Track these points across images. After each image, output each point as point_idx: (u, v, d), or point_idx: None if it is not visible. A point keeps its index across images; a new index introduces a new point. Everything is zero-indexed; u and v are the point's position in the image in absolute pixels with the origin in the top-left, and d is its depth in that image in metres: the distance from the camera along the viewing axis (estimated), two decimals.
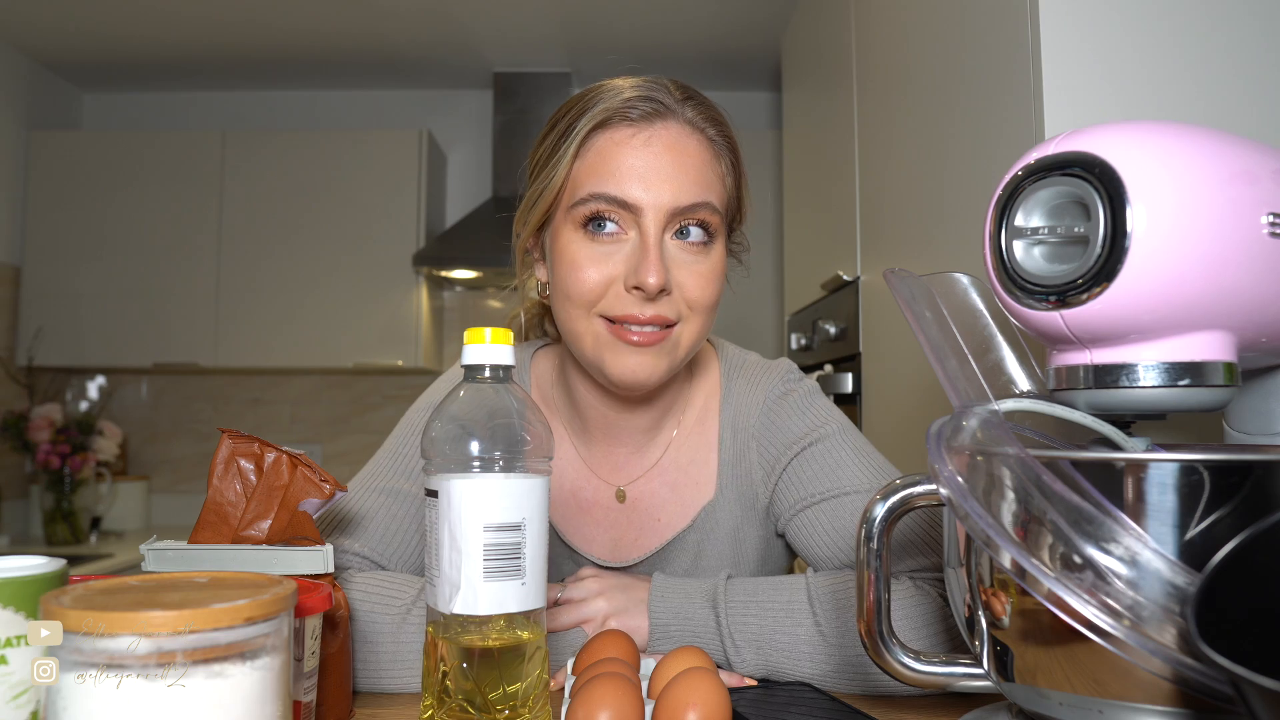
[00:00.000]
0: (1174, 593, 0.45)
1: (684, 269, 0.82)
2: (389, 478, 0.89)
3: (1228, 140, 0.54)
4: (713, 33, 3.06)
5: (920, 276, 0.64)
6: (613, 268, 0.81)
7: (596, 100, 0.83)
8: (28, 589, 0.49)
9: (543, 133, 0.88)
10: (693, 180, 0.82)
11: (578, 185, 0.82)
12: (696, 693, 0.61)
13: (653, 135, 0.82)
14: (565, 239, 0.83)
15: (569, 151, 0.82)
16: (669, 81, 0.86)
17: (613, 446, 0.96)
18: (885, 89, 1.73)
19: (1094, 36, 1.02)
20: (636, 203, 0.80)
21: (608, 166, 0.81)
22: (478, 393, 0.63)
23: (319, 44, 3.16)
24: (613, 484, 0.95)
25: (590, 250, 0.82)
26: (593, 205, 0.81)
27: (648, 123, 0.82)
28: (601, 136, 0.82)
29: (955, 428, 0.56)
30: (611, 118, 0.82)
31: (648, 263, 0.79)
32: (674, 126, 0.83)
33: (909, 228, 1.56)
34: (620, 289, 0.81)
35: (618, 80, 0.85)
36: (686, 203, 0.81)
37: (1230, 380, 0.54)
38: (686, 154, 0.82)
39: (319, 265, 3.20)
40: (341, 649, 0.69)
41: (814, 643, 0.77)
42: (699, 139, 0.84)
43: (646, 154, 0.81)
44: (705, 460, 0.95)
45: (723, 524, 0.94)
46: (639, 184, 0.80)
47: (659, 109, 0.82)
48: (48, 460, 2.95)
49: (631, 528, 0.95)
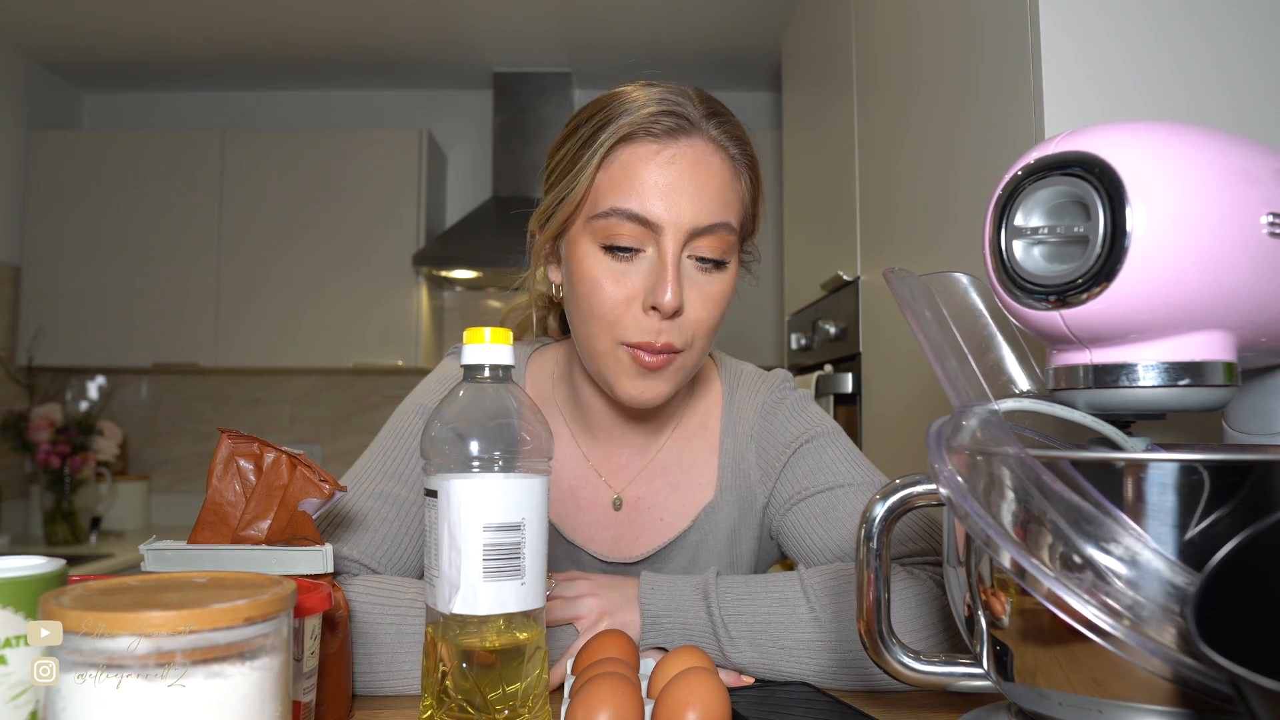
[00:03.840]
0: (1174, 592, 0.45)
1: (696, 289, 0.83)
2: (378, 481, 0.88)
3: (1227, 140, 0.54)
4: (713, 32, 3.06)
5: (920, 276, 0.64)
6: (631, 285, 0.82)
7: (621, 112, 0.82)
8: (28, 589, 0.49)
9: (562, 136, 0.88)
10: (714, 199, 0.82)
11: (599, 197, 0.82)
12: (696, 693, 0.61)
13: (677, 153, 0.81)
14: (584, 251, 0.83)
15: (592, 162, 0.82)
16: (693, 93, 0.85)
17: (616, 447, 0.97)
18: (885, 89, 1.73)
19: (1094, 37, 1.02)
20: (657, 220, 0.80)
21: (631, 182, 0.81)
22: (477, 393, 0.63)
23: (319, 44, 3.16)
24: (614, 486, 0.96)
25: (609, 266, 0.82)
26: (613, 220, 0.81)
27: (672, 139, 0.82)
28: (625, 150, 0.82)
29: (955, 427, 0.55)
30: (636, 132, 0.81)
31: (664, 283, 0.80)
32: (698, 144, 0.83)
33: (909, 228, 1.56)
34: (638, 309, 0.82)
35: (640, 89, 0.85)
36: (706, 223, 0.81)
37: (1230, 380, 0.54)
38: (709, 173, 0.82)
39: (319, 265, 3.20)
40: (341, 649, 0.69)
41: (809, 631, 0.77)
42: (722, 157, 0.84)
43: (670, 172, 0.81)
44: (707, 463, 0.97)
45: (722, 525, 0.96)
46: (661, 201, 0.80)
47: (683, 125, 0.82)
48: (48, 460, 2.95)
49: (633, 525, 0.96)
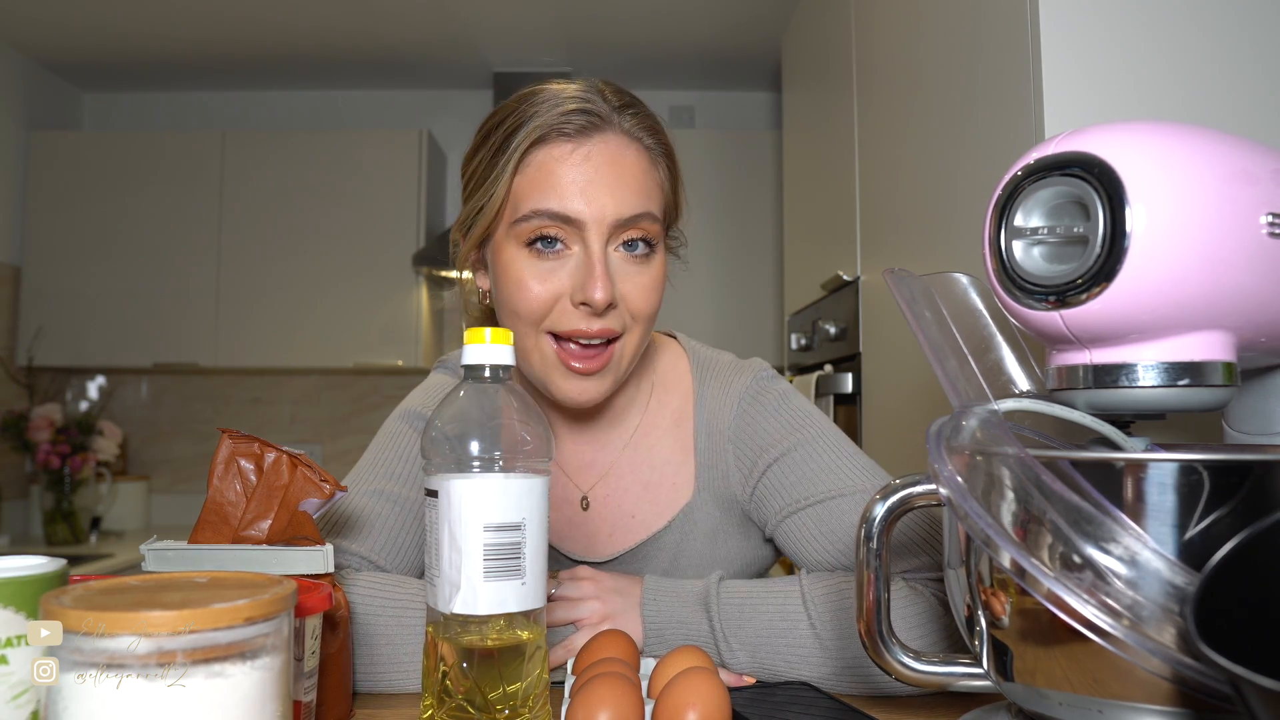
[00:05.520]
0: (1174, 592, 0.45)
1: (628, 280, 0.82)
2: (372, 480, 0.89)
3: (1227, 140, 0.54)
4: (713, 33, 3.06)
5: (920, 276, 0.64)
6: (558, 283, 0.81)
7: (531, 114, 0.82)
8: (28, 589, 0.49)
9: (475, 144, 0.87)
10: (633, 191, 0.82)
11: (519, 202, 0.81)
12: (696, 693, 0.61)
13: (592, 150, 0.81)
14: (509, 255, 0.83)
15: (508, 168, 0.82)
16: (604, 85, 0.85)
17: (576, 445, 0.96)
18: (886, 89, 1.73)
19: (1093, 37, 1.02)
20: (579, 216, 0.80)
21: (548, 182, 0.80)
22: (478, 393, 0.63)
23: (319, 44, 3.16)
24: (580, 485, 0.95)
25: (535, 267, 0.81)
26: (535, 222, 0.80)
27: (585, 137, 0.81)
28: (540, 152, 0.81)
29: (955, 428, 0.56)
30: (549, 134, 0.81)
31: (594, 279, 0.79)
32: (612, 139, 0.82)
33: (909, 228, 1.56)
34: (566, 304, 0.81)
35: (551, 86, 0.84)
36: (628, 214, 0.81)
37: (1229, 380, 0.54)
38: (625, 165, 0.82)
39: (319, 265, 3.20)
40: (341, 649, 0.69)
41: (810, 647, 0.77)
42: (637, 149, 0.83)
43: (586, 168, 0.80)
44: (682, 462, 0.95)
45: (701, 525, 0.94)
46: (580, 198, 0.80)
47: (595, 121, 0.82)
48: (48, 460, 2.95)
49: (605, 523, 0.95)
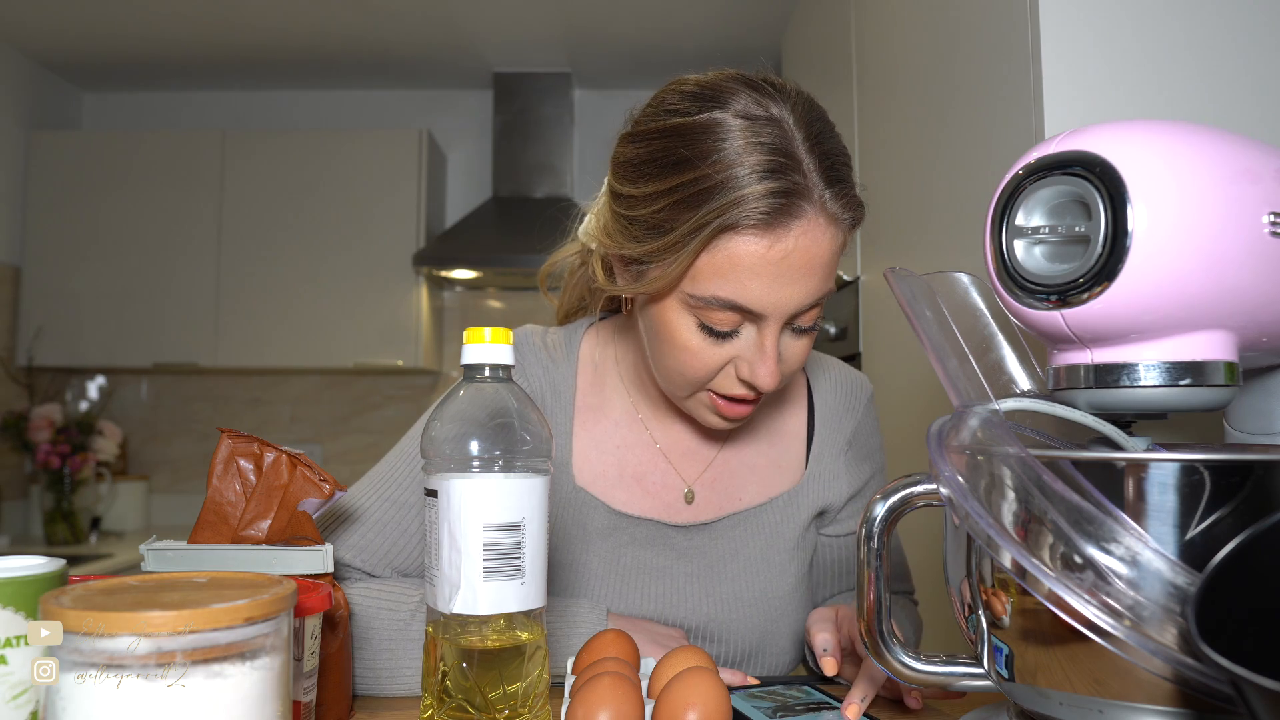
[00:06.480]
0: (1174, 593, 0.45)
1: (790, 346, 0.80)
2: (392, 488, 0.87)
3: (1229, 139, 0.54)
4: (713, 33, 3.06)
5: (920, 276, 0.64)
6: (724, 354, 0.78)
7: (722, 181, 0.71)
8: (28, 589, 0.49)
9: (640, 156, 0.77)
10: (820, 279, 0.76)
11: (699, 278, 0.75)
12: (696, 692, 0.61)
13: (789, 248, 0.73)
14: (675, 318, 0.78)
15: (691, 244, 0.73)
16: (805, 148, 0.73)
17: (687, 429, 0.94)
18: (885, 89, 1.73)
19: (1094, 36, 1.02)
20: (761, 310, 0.75)
21: (735, 274, 0.74)
22: (477, 392, 0.63)
23: (319, 44, 3.16)
24: (685, 476, 0.93)
25: (702, 340, 0.77)
26: (715, 308, 0.75)
27: (784, 227, 0.72)
28: (732, 242, 0.73)
29: (955, 427, 0.55)
30: (742, 222, 0.72)
31: (764, 366, 0.77)
32: (812, 227, 0.73)
33: (909, 227, 1.56)
34: (730, 371, 0.79)
35: (741, 124, 0.72)
36: (810, 303, 0.77)
37: (1231, 380, 0.54)
38: (819, 254, 0.74)
39: (319, 265, 3.20)
40: (341, 649, 0.69)
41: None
42: (834, 231, 0.75)
43: (781, 266, 0.73)
44: (796, 455, 0.97)
45: (803, 513, 0.94)
46: (767, 296, 0.74)
47: (796, 203, 0.72)
48: (48, 460, 2.95)
49: (708, 509, 0.93)
